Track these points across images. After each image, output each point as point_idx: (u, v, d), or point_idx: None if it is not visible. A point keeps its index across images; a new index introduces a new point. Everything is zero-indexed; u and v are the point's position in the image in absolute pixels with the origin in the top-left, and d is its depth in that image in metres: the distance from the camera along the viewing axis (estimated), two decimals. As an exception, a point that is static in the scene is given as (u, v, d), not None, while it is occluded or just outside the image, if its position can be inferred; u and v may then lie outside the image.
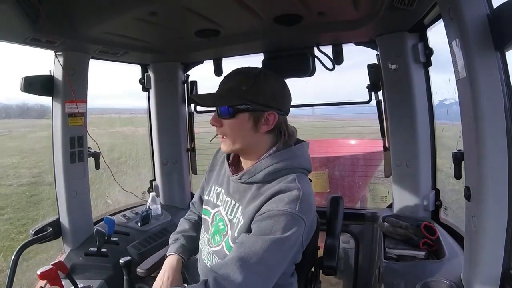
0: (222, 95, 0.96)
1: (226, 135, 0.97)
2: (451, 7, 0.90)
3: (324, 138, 4.96)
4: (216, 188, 1.09)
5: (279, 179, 0.94)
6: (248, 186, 0.98)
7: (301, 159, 1.00)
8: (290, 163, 0.96)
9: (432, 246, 1.39)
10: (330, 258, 1.30)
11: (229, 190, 1.03)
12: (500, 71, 0.84)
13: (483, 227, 0.90)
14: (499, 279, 0.90)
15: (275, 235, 0.85)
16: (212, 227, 1.05)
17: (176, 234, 1.19)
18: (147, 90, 2.08)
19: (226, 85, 0.97)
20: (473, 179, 0.94)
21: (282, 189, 0.91)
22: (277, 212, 0.87)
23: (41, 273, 1.03)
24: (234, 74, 0.98)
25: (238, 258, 0.84)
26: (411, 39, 1.52)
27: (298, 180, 0.94)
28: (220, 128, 0.97)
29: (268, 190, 0.92)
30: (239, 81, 0.95)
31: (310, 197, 0.93)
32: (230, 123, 0.96)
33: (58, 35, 1.33)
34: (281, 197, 0.89)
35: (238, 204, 0.99)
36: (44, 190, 5.19)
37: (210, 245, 1.04)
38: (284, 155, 0.97)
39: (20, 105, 6.88)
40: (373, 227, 1.81)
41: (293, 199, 0.88)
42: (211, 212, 1.08)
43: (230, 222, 0.99)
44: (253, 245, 0.85)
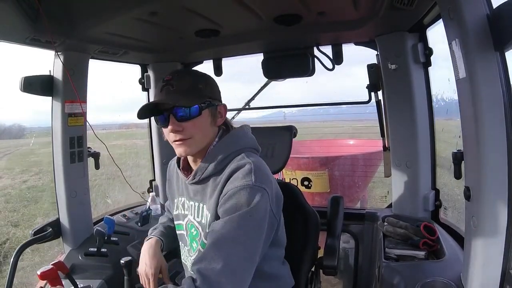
0: (180, 96, 0.92)
1: (191, 137, 0.94)
2: (451, 7, 0.90)
3: (324, 139, 4.96)
4: (180, 199, 1.09)
5: (229, 164, 0.95)
6: (205, 184, 0.98)
7: (245, 139, 1.01)
8: (235, 146, 0.98)
9: (432, 246, 1.39)
10: (330, 258, 1.30)
11: (190, 195, 1.03)
12: (500, 71, 0.84)
13: (483, 227, 0.90)
14: (499, 279, 0.90)
15: (241, 210, 0.85)
16: (189, 238, 1.05)
17: (155, 225, 1.23)
18: (147, 90, 2.08)
19: (177, 87, 0.93)
20: (473, 179, 0.94)
21: (234, 169, 0.92)
22: (236, 189, 0.87)
23: (41, 273, 1.03)
24: (182, 76, 0.97)
25: (212, 245, 0.83)
26: (411, 39, 1.52)
27: (247, 156, 0.95)
28: (181, 132, 0.93)
29: (223, 176, 0.93)
30: (193, 81, 0.96)
31: (263, 168, 0.94)
32: (195, 123, 0.93)
33: (58, 35, 1.33)
34: (235, 175, 0.90)
35: (202, 204, 1.00)
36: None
37: (191, 255, 1.04)
38: (227, 140, 0.98)
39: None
40: (373, 227, 1.81)
41: (247, 173, 0.88)
42: (183, 224, 1.08)
43: (200, 224, 1.00)
44: (223, 227, 0.84)
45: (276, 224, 0.97)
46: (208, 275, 0.78)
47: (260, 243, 0.89)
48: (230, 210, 0.86)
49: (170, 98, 0.92)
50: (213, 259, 0.80)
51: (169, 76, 0.95)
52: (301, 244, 1.26)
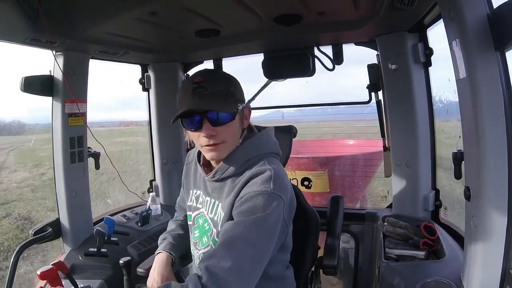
0: (216, 101, 0.90)
1: (224, 141, 0.93)
2: (451, 7, 0.90)
3: (324, 139, 4.97)
4: (195, 191, 1.10)
5: (250, 167, 0.95)
6: (223, 182, 0.99)
7: (268, 144, 1.01)
8: (257, 151, 0.97)
9: (432, 246, 1.38)
10: (330, 257, 1.30)
11: (207, 190, 1.04)
12: (500, 71, 0.84)
13: (483, 227, 0.90)
14: (499, 279, 0.90)
15: (256, 214, 0.85)
16: (195, 230, 1.06)
17: (164, 234, 1.21)
18: (147, 90, 2.08)
19: (211, 90, 0.90)
20: (473, 179, 0.94)
21: (254, 174, 0.92)
22: (254, 194, 0.87)
23: (41, 273, 1.03)
24: (214, 78, 0.94)
25: (224, 244, 0.83)
26: (411, 39, 1.52)
27: (268, 163, 0.95)
28: (215, 137, 0.92)
29: (242, 179, 0.94)
30: (225, 82, 0.94)
31: (283, 175, 0.94)
32: (229, 127, 0.93)
33: (58, 35, 1.33)
34: (254, 180, 0.90)
35: (218, 201, 1.00)
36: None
37: (198, 248, 1.05)
38: (250, 144, 0.98)
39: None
40: (373, 227, 1.81)
41: (266, 179, 0.89)
42: (192, 215, 1.09)
43: (212, 220, 1.01)
44: (236, 228, 0.85)
45: (287, 230, 0.99)
46: (216, 272, 0.78)
47: (271, 248, 0.89)
48: (245, 213, 0.86)
49: (207, 102, 0.89)
50: (223, 257, 0.80)
51: (199, 78, 0.91)
52: (301, 244, 1.26)
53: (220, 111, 0.91)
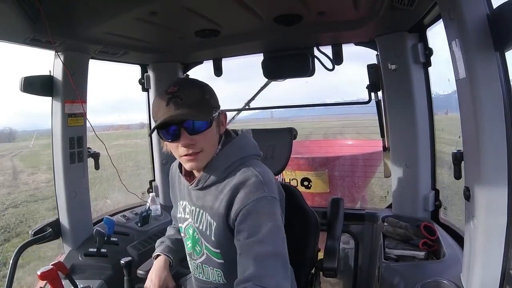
0: (192, 110, 0.89)
1: (202, 149, 0.92)
2: (451, 7, 0.90)
3: (324, 139, 4.97)
4: (181, 202, 1.09)
5: (233, 173, 0.95)
6: (206, 190, 0.99)
7: (247, 147, 1.01)
8: (238, 155, 0.97)
9: (432, 246, 1.38)
10: (330, 260, 1.30)
11: (192, 200, 1.03)
12: (500, 71, 0.85)
13: (483, 227, 0.90)
14: (499, 279, 0.90)
15: (267, 223, 0.87)
16: (188, 241, 1.07)
17: (162, 238, 1.22)
18: (147, 90, 2.08)
19: (186, 99, 0.88)
20: (473, 179, 0.94)
21: (242, 181, 0.91)
22: (254, 203, 0.88)
23: (41, 273, 1.03)
24: (187, 87, 0.91)
25: (257, 264, 0.83)
26: (411, 39, 1.52)
27: (252, 166, 0.94)
28: (193, 146, 0.91)
29: (228, 186, 0.93)
30: (200, 92, 0.92)
31: (269, 176, 0.95)
32: (206, 135, 0.92)
33: (58, 35, 1.33)
34: (246, 189, 0.90)
35: (202, 210, 1.00)
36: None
37: (194, 258, 1.05)
38: (230, 149, 0.97)
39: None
40: (373, 227, 1.81)
41: (258, 185, 0.90)
42: (182, 227, 1.09)
43: (198, 229, 1.01)
44: (261, 245, 0.85)
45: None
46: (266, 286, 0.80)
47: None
48: (256, 227, 0.87)
49: (183, 112, 0.88)
50: (269, 274, 0.82)
51: (173, 88, 0.89)
52: (300, 246, 1.26)
53: (197, 119, 0.90)
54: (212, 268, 1.00)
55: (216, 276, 1.01)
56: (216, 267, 1.00)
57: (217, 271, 1.00)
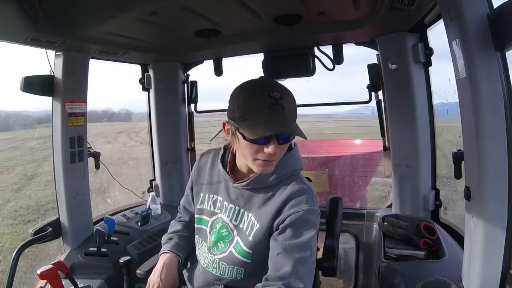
0: (292, 123, 0.91)
1: (279, 157, 0.96)
2: (451, 7, 0.90)
3: (324, 139, 4.97)
4: (211, 196, 1.08)
5: (284, 182, 0.99)
6: (254, 192, 1.00)
7: (300, 160, 1.05)
8: (292, 166, 1.01)
9: (432, 246, 1.39)
10: (329, 259, 1.29)
11: (229, 197, 1.04)
12: (500, 71, 0.84)
13: (483, 227, 0.90)
14: (499, 279, 0.90)
15: (310, 231, 0.94)
16: (213, 235, 1.05)
17: (169, 234, 1.19)
18: (147, 90, 2.08)
19: (289, 108, 0.90)
20: (473, 179, 0.94)
21: (296, 192, 0.96)
22: (303, 212, 0.94)
23: (41, 273, 1.03)
24: (289, 96, 0.92)
25: (297, 265, 0.90)
26: (411, 39, 1.52)
27: (303, 180, 1.01)
28: (277, 154, 0.93)
29: (281, 194, 0.97)
30: (295, 104, 0.94)
31: (315, 192, 1.01)
32: (286, 146, 0.96)
33: (58, 35, 1.33)
34: (299, 200, 0.95)
35: (244, 209, 1.01)
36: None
37: (214, 252, 1.04)
38: (288, 159, 1.01)
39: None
40: (373, 227, 1.81)
41: (309, 199, 0.96)
42: (208, 220, 1.08)
43: (236, 227, 1.01)
44: (302, 249, 0.91)
45: None
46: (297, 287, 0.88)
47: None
48: (299, 232, 0.93)
49: (287, 125, 0.90)
50: (299, 278, 0.89)
51: (277, 94, 0.88)
52: None
53: (296, 134, 0.92)
54: (232, 266, 1.00)
55: (234, 274, 1.00)
56: (238, 266, 1.00)
57: (238, 269, 1.00)
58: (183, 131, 2.13)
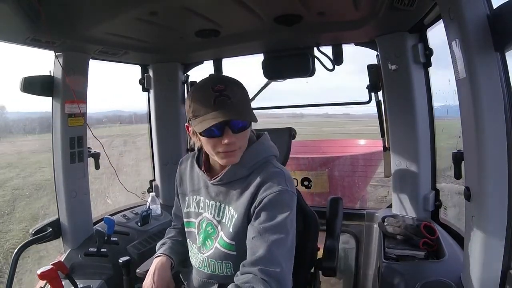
0: (240, 110, 0.93)
1: (240, 147, 0.97)
2: (451, 7, 0.90)
3: (324, 139, 4.97)
4: (194, 197, 1.10)
5: (258, 169, 1.01)
6: (230, 185, 1.02)
7: (271, 148, 1.07)
8: (263, 154, 1.03)
9: (432, 246, 1.39)
10: (329, 259, 1.30)
11: (210, 194, 1.05)
12: (500, 71, 0.85)
13: (483, 227, 0.90)
14: (499, 279, 0.90)
15: (284, 213, 0.93)
16: (201, 235, 1.07)
17: (163, 240, 1.21)
18: (147, 91, 2.08)
19: (235, 96, 0.92)
20: (473, 179, 0.94)
21: (268, 176, 0.97)
22: (276, 193, 0.94)
23: (41, 273, 1.03)
24: (233, 86, 0.94)
25: (269, 248, 0.89)
26: (411, 40, 1.52)
27: (275, 165, 1.02)
28: (233, 144, 0.94)
29: (254, 181, 0.98)
30: (242, 91, 0.96)
31: (290, 174, 1.03)
32: (245, 134, 0.97)
33: (58, 35, 1.33)
34: (271, 182, 0.96)
35: (224, 204, 1.03)
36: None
37: (203, 252, 1.05)
38: (257, 148, 1.03)
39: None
40: (373, 227, 1.81)
41: (281, 180, 0.96)
42: (194, 221, 1.09)
43: (219, 223, 1.03)
44: (275, 231, 0.91)
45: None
46: (278, 278, 0.87)
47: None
48: (273, 212, 0.93)
49: (232, 112, 0.91)
50: (276, 261, 0.88)
51: (220, 86, 0.91)
52: (300, 245, 1.25)
53: (244, 119, 0.94)
54: (220, 261, 1.01)
55: (224, 269, 1.01)
56: (226, 260, 1.01)
57: (226, 264, 1.01)
58: (183, 131, 2.13)
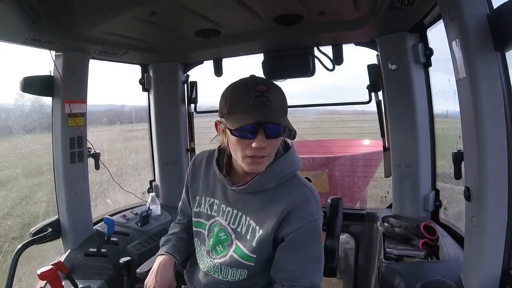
0: (278, 114, 0.89)
1: (269, 154, 0.93)
2: (451, 7, 0.90)
3: (324, 139, 4.97)
4: (208, 199, 1.07)
5: (284, 185, 0.98)
6: (253, 195, 0.98)
7: (298, 161, 1.03)
8: (291, 167, 1.00)
9: (432, 246, 1.38)
10: (329, 259, 1.29)
11: (227, 200, 1.02)
12: (500, 71, 0.85)
13: (483, 227, 0.90)
14: (499, 279, 0.90)
15: (319, 244, 0.97)
16: (211, 239, 1.04)
17: (167, 236, 1.18)
18: (147, 90, 2.08)
19: (275, 100, 0.89)
20: (473, 179, 0.94)
21: (301, 198, 0.96)
22: (311, 224, 0.95)
23: (41, 273, 1.03)
24: (275, 90, 0.91)
25: (309, 274, 0.93)
26: (411, 39, 1.52)
27: (305, 184, 0.99)
28: (264, 149, 0.89)
29: (282, 198, 0.96)
30: (283, 98, 0.93)
31: (317, 193, 1.00)
32: (277, 142, 0.93)
33: (58, 35, 1.33)
34: (305, 208, 0.95)
35: (242, 213, 0.99)
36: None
37: (213, 257, 1.03)
38: (285, 162, 0.99)
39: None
40: (373, 227, 1.81)
41: (313, 204, 0.96)
42: (205, 223, 1.07)
43: (234, 231, 1.00)
44: (311, 264, 0.95)
45: None
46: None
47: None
48: (310, 244, 0.96)
49: (271, 114, 0.87)
50: (312, 285, 0.93)
51: (262, 87, 0.88)
52: None
53: (281, 124, 0.89)
54: (236, 269, 0.99)
55: (238, 275, 0.99)
56: (242, 268, 0.98)
57: (241, 271, 0.99)
58: (183, 131, 2.13)
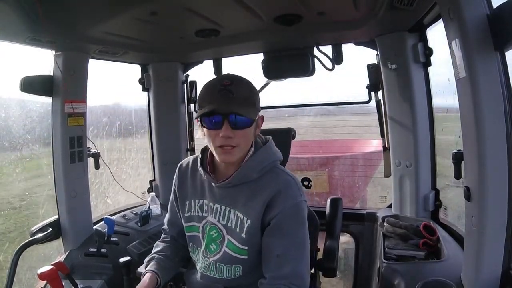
0: (241, 105, 0.94)
1: (238, 145, 0.96)
2: (451, 7, 0.90)
3: (324, 139, 4.97)
4: (197, 201, 1.09)
5: (266, 175, 1.02)
6: (237, 188, 1.02)
7: (277, 152, 1.08)
8: (270, 158, 1.04)
9: (432, 246, 1.38)
10: (329, 259, 1.30)
11: (215, 197, 1.04)
12: (500, 71, 0.85)
13: (483, 227, 0.90)
14: (499, 279, 0.90)
15: (303, 229, 0.98)
16: (204, 239, 1.06)
17: (151, 255, 1.16)
18: (147, 90, 2.08)
19: (238, 93, 0.94)
20: (473, 179, 0.94)
21: (282, 185, 0.99)
22: (293, 208, 0.98)
23: (41, 274, 1.03)
24: (240, 83, 0.97)
25: (293, 262, 0.95)
26: (411, 39, 1.52)
27: (285, 171, 1.04)
28: (231, 139, 0.94)
29: (265, 187, 0.99)
30: (250, 90, 0.98)
31: (299, 180, 1.05)
32: (246, 132, 0.97)
33: (58, 35, 1.33)
34: (286, 193, 0.98)
35: (230, 207, 1.02)
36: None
37: (207, 256, 1.04)
38: (265, 152, 1.04)
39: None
40: (373, 227, 1.81)
41: (296, 190, 1.00)
42: (198, 225, 1.08)
43: (225, 227, 1.02)
44: (292, 243, 0.96)
45: None
46: (298, 284, 0.95)
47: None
48: (294, 229, 0.98)
49: (232, 105, 0.93)
50: (297, 276, 0.95)
51: (227, 81, 0.94)
52: None
53: (242, 115, 0.94)
54: (230, 265, 1.01)
55: (233, 272, 1.01)
56: (235, 264, 1.00)
57: (235, 267, 1.01)
58: (183, 131, 2.13)
